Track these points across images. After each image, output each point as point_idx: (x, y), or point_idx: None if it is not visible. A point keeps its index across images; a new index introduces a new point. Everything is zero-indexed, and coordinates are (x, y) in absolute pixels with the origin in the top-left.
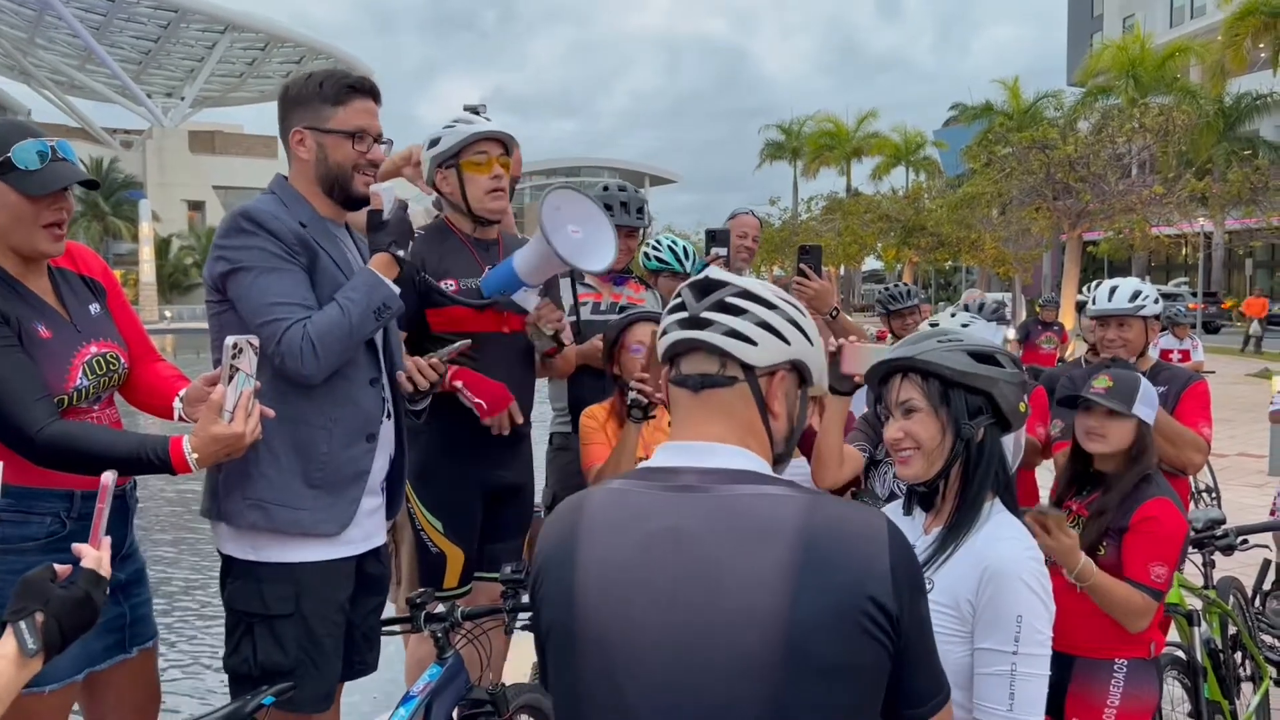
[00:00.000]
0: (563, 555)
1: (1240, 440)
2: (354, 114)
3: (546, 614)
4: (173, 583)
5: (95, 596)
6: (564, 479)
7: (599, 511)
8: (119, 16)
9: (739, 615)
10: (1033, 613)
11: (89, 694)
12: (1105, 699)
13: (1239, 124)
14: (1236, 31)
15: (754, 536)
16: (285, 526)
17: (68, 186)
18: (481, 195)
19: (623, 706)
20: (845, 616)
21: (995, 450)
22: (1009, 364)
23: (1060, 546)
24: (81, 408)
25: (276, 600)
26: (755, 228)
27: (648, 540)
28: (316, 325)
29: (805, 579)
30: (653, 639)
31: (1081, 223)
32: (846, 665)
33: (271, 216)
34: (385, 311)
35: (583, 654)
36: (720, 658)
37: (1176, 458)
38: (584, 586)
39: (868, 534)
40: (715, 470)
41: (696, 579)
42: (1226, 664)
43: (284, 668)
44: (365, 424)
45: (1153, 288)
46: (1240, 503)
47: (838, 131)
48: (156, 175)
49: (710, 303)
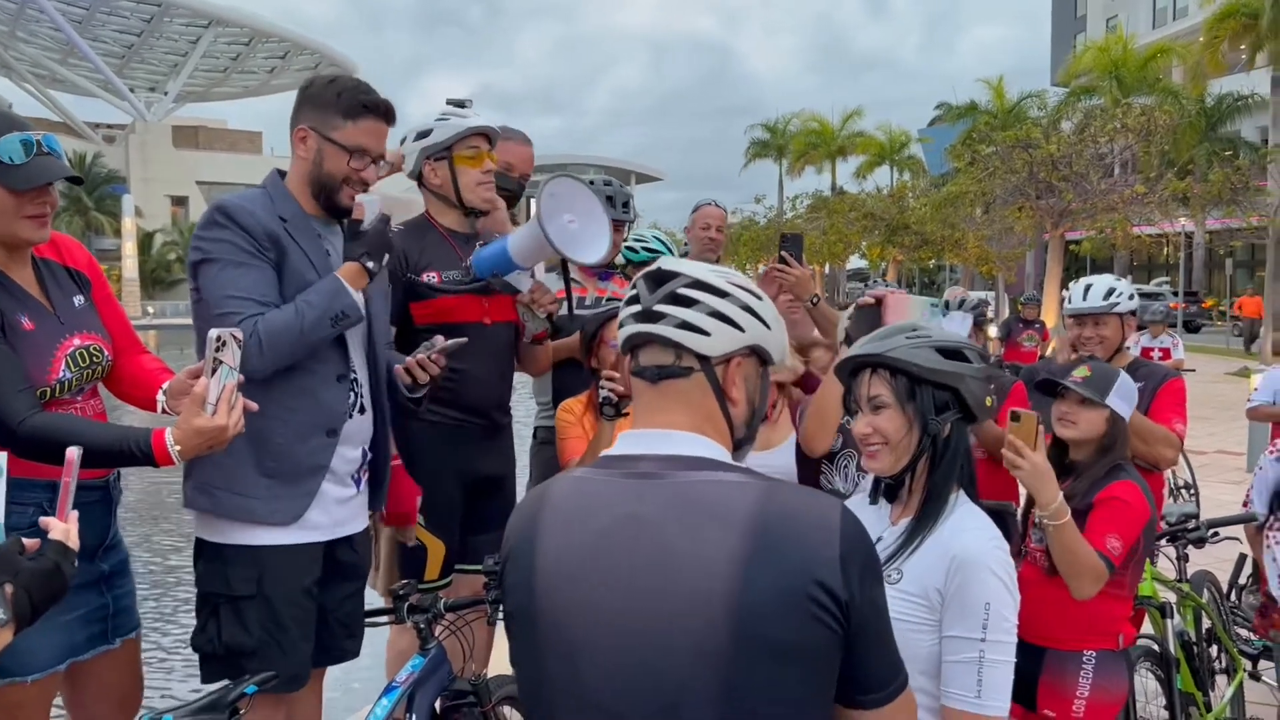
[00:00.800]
0: (525, 542)
1: (1219, 438)
2: (361, 133)
3: (510, 599)
4: (176, 572)
5: (64, 568)
6: (548, 472)
7: (560, 499)
8: (101, 10)
9: (692, 599)
10: (1000, 600)
11: (71, 684)
12: (1075, 690)
13: (1220, 124)
14: (1216, 33)
15: (708, 522)
16: (233, 514)
17: (52, 180)
18: (473, 187)
19: (581, 689)
20: (792, 600)
21: (961, 444)
22: (975, 359)
23: (1036, 469)
24: (65, 399)
25: (240, 581)
26: (720, 219)
27: (607, 527)
28: (268, 323)
29: (754, 563)
30: (610, 624)
31: (1064, 222)
32: (795, 649)
33: (245, 212)
34: (343, 319)
35: (543, 638)
36: (675, 642)
37: (1149, 453)
38: (544, 572)
39: (819, 521)
40: (673, 457)
41: (653, 564)
42: (1200, 656)
43: (247, 648)
44: (327, 419)
45: (1128, 284)
46: (1219, 499)
47: (823, 130)
48: (140, 170)
49: (663, 294)
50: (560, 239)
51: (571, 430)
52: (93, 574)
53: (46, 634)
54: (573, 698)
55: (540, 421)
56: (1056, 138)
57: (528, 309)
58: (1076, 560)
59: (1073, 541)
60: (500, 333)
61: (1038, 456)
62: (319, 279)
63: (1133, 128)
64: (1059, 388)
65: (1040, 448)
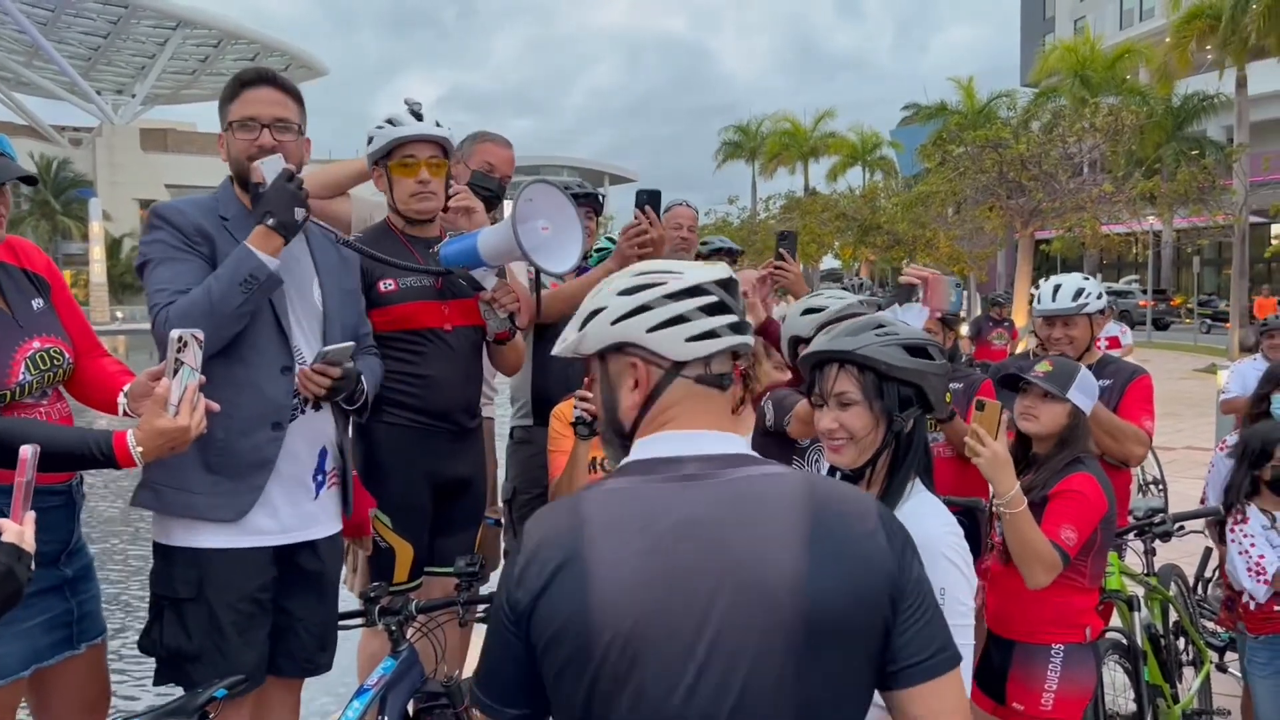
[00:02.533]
0: (571, 561)
1: (1188, 434)
2: (243, 105)
3: (555, 621)
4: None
5: (17, 571)
6: (525, 472)
7: (603, 512)
8: (67, 12)
9: (757, 593)
10: (955, 585)
11: (37, 691)
12: (1043, 682)
13: (1187, 124)
14: (1183, 34)
15: (764, 515)
16: (178, 510)
17: (4, 182)
18: (405, 197)
19: (650, 700)
20: (855, 581)
21: (922, 438)
22: (938, 355)
23: (995, 457)
24: (27, 403)
25: (182, 584)
26: (691, 219)
27: (663, 535)
28: (178, 306)
29: (816, 549)
30: (680, 631)
31: (1034, 221)
32: (858, 629)
33: (175, 211)
34: (251, 282)
35: (605, 657)
36: (746, 638)
37: (1118, 450)
38: (600, 591)
39: (861, 503)
40: (715, 456)
41: (714, 564)
42: (1167, 649)
43: (187, 652)
44: (271, 412)
45: (1097, 284)
46: (1188, 494)
47: (795, 131)
48: (107, 174)
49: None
50: (532, 246)
51: (560, 443)
52: (56, 579)
53: (9, 640)
54: (638, 710)
55: (517, 421)
56: (1026, 137)
57: (489, 307)
58: (1029, 549)
59: (1027, 531)
60: (463, 337)
61: (998, 445)
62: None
63: (1100, 128)
64: (1021, 382)
65: (1001, 437)
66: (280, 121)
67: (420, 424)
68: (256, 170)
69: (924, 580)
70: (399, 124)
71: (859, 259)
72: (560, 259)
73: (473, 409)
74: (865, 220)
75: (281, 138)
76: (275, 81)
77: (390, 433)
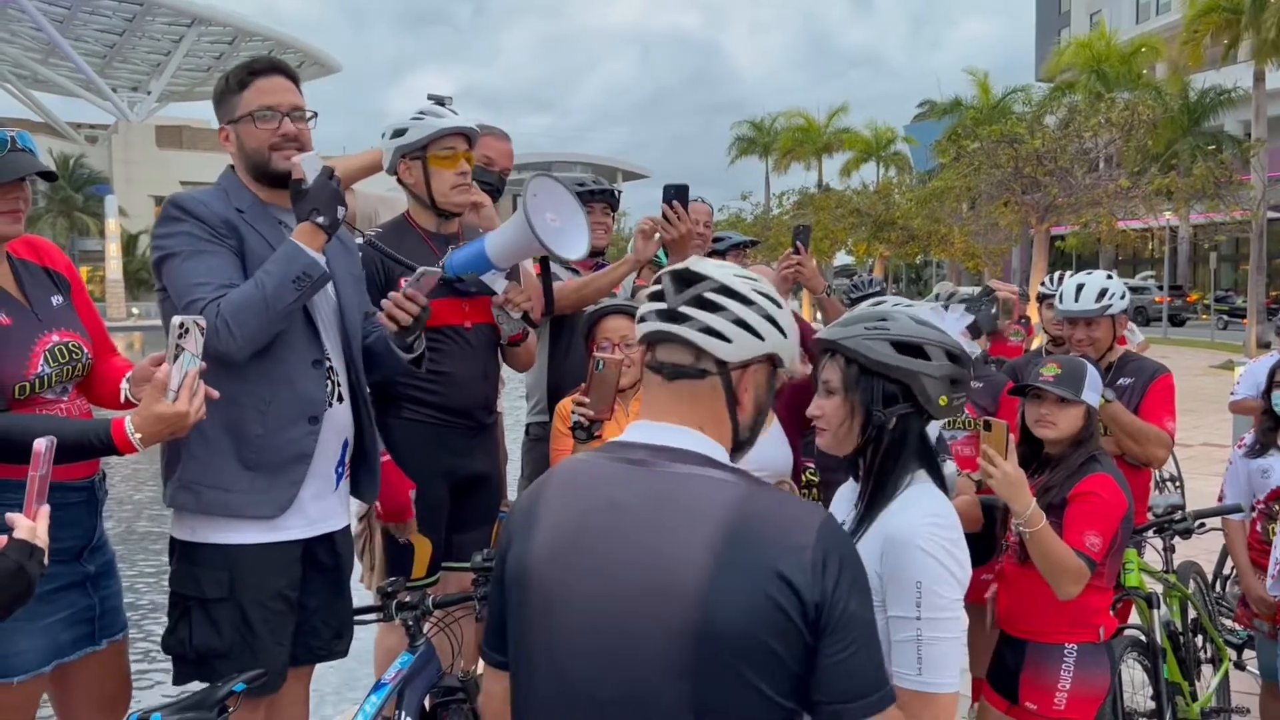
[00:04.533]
0: (526, 516)
1: (1205, 431)
2: (257, 94)
3: (510, 571)
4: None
5: (29, 568)
6: (541, 469)
7: (560, 478)
8: (83, 9)
9: (662, 591)
10: (932, 577)
11: (58, 686)
12: (1057, 682)
13: (1203, 119)
14: (1197, 28)
15: (683, 514)
16: (214, 509)
17: (24, 177)
18: (446, 190)
19: (558, 666)
20: (756, 599)
21: (911, 437)
22: (938, 356)
23: (1008, 478)
24: (48, 398)
25: (210, 584)
26: (707, 215)
27: (589, 509)
28: (229, 301)
29: (723, 559)
30: (585, 604)
31: (1049, 217)
32: (759, 647)
33: (198, 203)
34: (304, 280)
35: (531, 611)
36: (645, 630)
37: (1140, 453)
38: (535, 547)
39: (798, 525)
40: (665, 448)
41: (626, 552)
42: (1186, 646)
43: (218, 651)
44: (306, 406)
45: (1119, 283)
46: (1205, 492)
47: (809, 127)
48: (123, 171)
49: (689, 296)
50: (548, 237)
51: (563, 441)
52: (78, 575)
53: (32, 635)
54: (550, 674)
55: (532, 418)
56: (1041, 133)
57: (503, 310)
58: (1056, 563)
59: (1050, 546)
60: (481, 334)
61: (1009, 465)
62: None
63: (1116, 123)
64: (1031, 390)
65: (1012, 456)
66: (297, 110)
67: (439, 420)
68: (297, 167)
69: (856, 616)
70: (435, 116)
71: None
72: (573, 245)
73: (490, 405)
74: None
75: (300, 125)
76: (285, 70)
77: (409, 429)
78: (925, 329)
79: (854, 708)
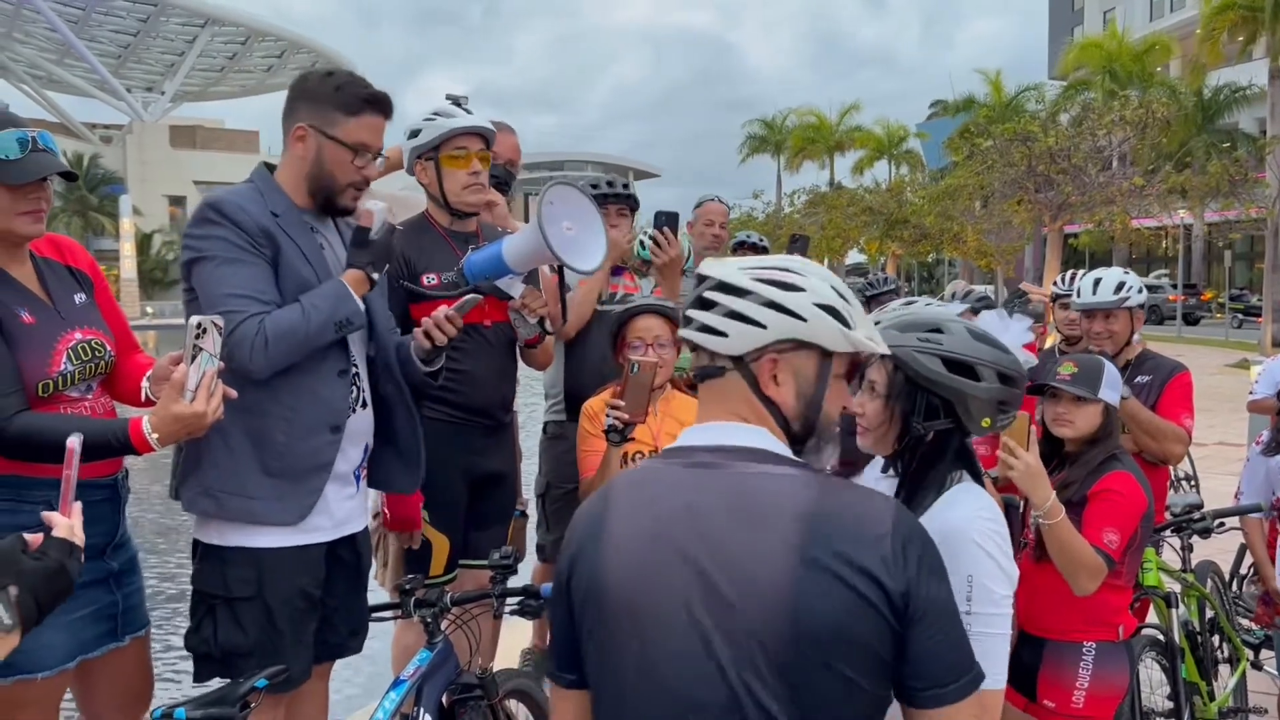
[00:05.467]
0: (593, 533)
1: (1220, 430)
2: (362, 128)
3: (580, 588)
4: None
5: (69, 566)
6: (558, 468)
7: (625, 488)
8: (97, 10)
9: (749, 592)
10: (984, 572)
11: (82, 682)
12: (1075, 681)
13: (1218, 116)
14: (1214, 25)
15: (760, 514)
16: (237, 515)
17: (46, 177)
18: (459, 190)
19: (652, 674)
20: (843, 594)
21: (950, 448)
22: (990, 378)
23: (1029, 469)
24: (72, 396)
25: (238, 583)
26: (723, 214)
27: (665, 515)
28: (274, 324)
29: (806, 557)
30: (673, 610)
31: (1062, 215)
32: (848, 641)
33: (237, 208)
34: (346, 326)
35: (614, 624)
36: (737, 632)
37: (1158, 450)
38: (610, 560)
39: (874, 516)
40: (727, 448)
41: (710, 555)
42: (1204, 646)
43: (243, 649)
44: (329, 415)
45: (1137, 277)
46: (1220, 490)
47: (820, 125)
48: (137, 170)
49: (692, 299)
50: (560, 246)
51: (592, 443)
52: (102, 572)
53: (56, 632)
54: (647, 686)
55: (550, 416)
56: (1055, 131)
57: (519, 314)
58: (1073, 557)
59: (1069, 539)
60: (500, 333)
61: (1030, 457)
62: (313, 273)
63: (1130, 120)
64: (1048, 389)
65: (1033, 448)
66: (378, 155)
67: (458, 419)
68: (370, 215)
69: (941, 600)
70: (448, 116)
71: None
72: (587, 257)
73: (508, 404)
74: (892, 214)
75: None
76: (390, 111)
77: (428, 427)
78: (980, 346)
79: (950, 690)
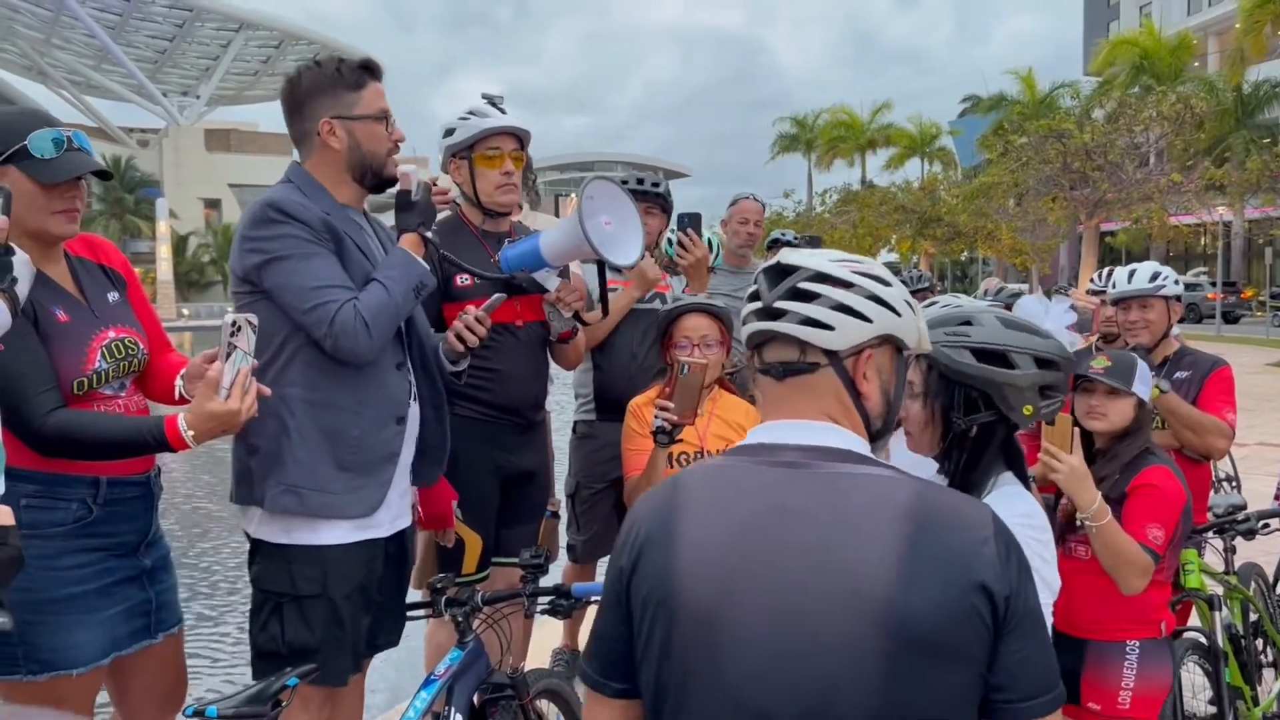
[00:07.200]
0: (662, 532)
1: (1260, 429)
2: (374, 95)
3: (644, 590)
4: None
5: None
6: (587, 467)
7: (699, 487)
8: (134, 16)
9: (846, 596)
10: None
11: (115, 678)
12: (1120, 681)
13: (1258, 111)
14: (1255, 18)
15: (860, 516)
16: (318, 510)
17: (81, 176)
18: (491, 189)
19: (723, 684)
20: (952, 599)
21: (994, 443)
22: (1026, 365)
23: (1074, 472)
24: (106, 394)
25: (304, 581)
26: (758, 213)
27: (751, 516)
28: (367, 304)
29: (914, 563)
30: (758, 616)
31: (1099, 212)
32: (953, 649)
33: (297, 205)
34: (422, 289)
35: (685, 630)
36: (827, 638)
37: (1199, 444)
38: (685, 562)
39: (975, 519)
40: (817, 448)
41: (802, 558)
42: (1247, 650)
43: (311, 646)
44: (394, 407)
45: (1172, 271)
46: (1261, 491)
47: (852, 123)
48: (173, 173)
49: (783, 290)
50: (600, 240)
51: (637, 442)
52: (135, 569)
53: (90, 629)
54: (713, 692)
55: (580, 416)
56: (1090, 127)
57: (554, 308)
58: (1122, 557)
59: (1116, 539)
60: (532, 332)
61: (1075, 459)
62: (369, 263)
63: (1168, 115)
64: (1082, 381)
65: (1076, 450)
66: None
67: (490, 417)
68: (408, 178)
69: (1036, 610)
70: (482, 116)
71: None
72: (626, 251)
73: (540, 403)
74: (924, 212)
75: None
76: (381, 74)
77: (461, 425)
78: (1013, 334)
79: (1036, 705)
